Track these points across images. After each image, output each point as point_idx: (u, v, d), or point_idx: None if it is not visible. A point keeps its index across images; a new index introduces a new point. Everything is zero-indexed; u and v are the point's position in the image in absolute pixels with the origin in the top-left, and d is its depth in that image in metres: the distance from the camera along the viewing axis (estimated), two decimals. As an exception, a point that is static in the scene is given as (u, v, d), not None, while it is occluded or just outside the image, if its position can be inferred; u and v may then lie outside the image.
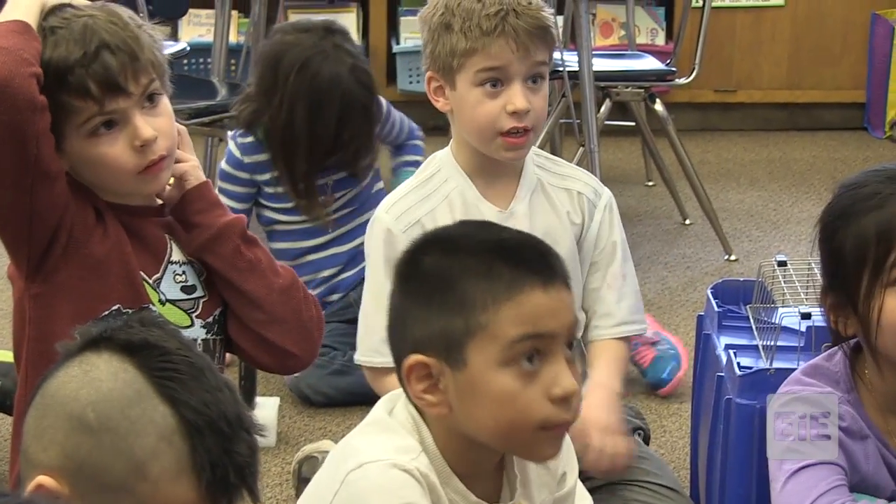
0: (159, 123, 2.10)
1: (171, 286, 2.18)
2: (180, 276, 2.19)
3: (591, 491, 2.46)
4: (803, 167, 5.48)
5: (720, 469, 2.39)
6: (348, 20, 5.87)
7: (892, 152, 5.64)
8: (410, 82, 5.74)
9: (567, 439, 1.90)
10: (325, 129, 3.37)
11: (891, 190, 1.97)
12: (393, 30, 5.92)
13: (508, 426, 1.70)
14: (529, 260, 1.73)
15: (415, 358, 1.72)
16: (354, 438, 1.80)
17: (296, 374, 3.27)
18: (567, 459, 1.92)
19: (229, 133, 3.55)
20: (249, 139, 3.43)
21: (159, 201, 2.21)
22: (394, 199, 2.57)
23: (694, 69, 4.60)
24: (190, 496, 1.41)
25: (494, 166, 2.54)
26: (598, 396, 2.42)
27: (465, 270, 1.70)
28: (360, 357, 2.53)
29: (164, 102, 2.13)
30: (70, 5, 2.10)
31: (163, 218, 2.20)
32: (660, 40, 5.91)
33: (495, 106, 2.47)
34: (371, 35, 5.92)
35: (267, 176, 3.44)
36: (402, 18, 5.83)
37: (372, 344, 2.48)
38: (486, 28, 2.45)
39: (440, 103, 2.54)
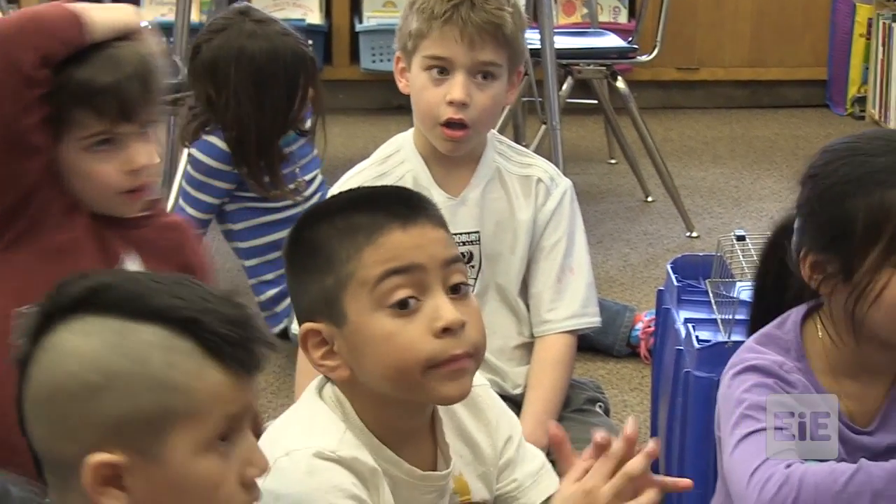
0: (150, 150, 2.16)
1: None
2: None
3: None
4: (765, 144, 5.51)
5: (679, 441, 2.41)
6: (311, -1, 5.87)
7: (853, 129, 5.67)
8: (374, 61, 5.73)
9: (502, 404, 1.91)
10: (275, 104, 3.36)
11: None
12: (356, 9, 5.92)
13: (395, 370, 1.69)
14: (387, 204, 1.75)
15: (306, 326, 1.74)
16: (284, 422, 1.81)
17: None
18: (509, 422, 1.92)
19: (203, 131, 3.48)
20: None
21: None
22: (349, 175, 2.61)
23: (656, 47, 4.62)
24: (222, 378, 1.43)
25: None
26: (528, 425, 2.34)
27: (329, 230, 1.74)
28: (293, 328, 2.56)
29: (155, 132, 2.19)
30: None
31: (131, 230, 2.22)
32: (622, 18, 5.93)
33: (437, 94, 2.48)
34: (334, 14, 5.92)
35: None
36: (365, -3, 5.83)
37: None
38: (437, 12, 2.46)
39: (402, 84, 2.57)
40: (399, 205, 1.75)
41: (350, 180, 2.58)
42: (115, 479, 1.41)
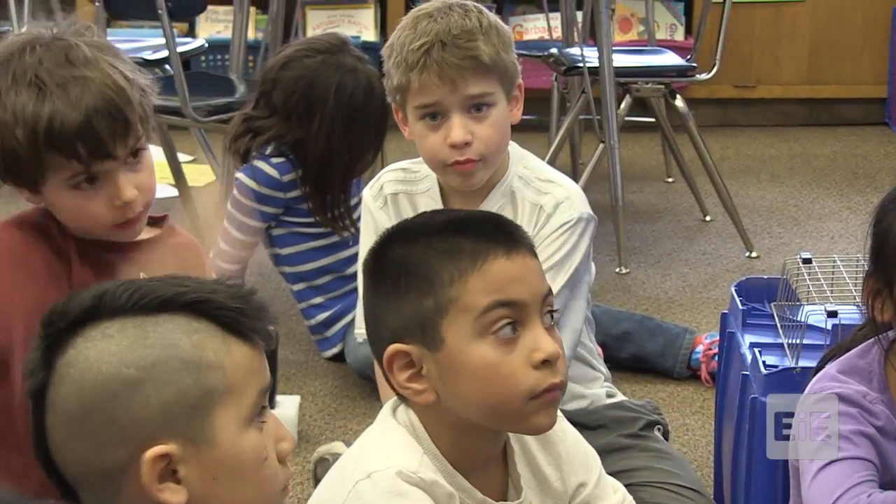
0: (140, 179, 2.07)
1: None
2: None
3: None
4: (824, 163, 5.45)
5: (745, 469, 2.37)
6: (366, 16, 5.86)
7: (913, 148, 5.62)
8: (428, 78, 5.72)
9: (575, 438, 1.88)
10: (364, 143, 3.37)
11: None
12: (411, 26, 5.90)
13: (496, 399, 1.69)
14: (489, 231, 1.73)
15: (394, 347, 1.72)
16: (362, 444, 1.79)
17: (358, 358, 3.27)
18: (585, 463, 1.89)
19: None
20: (282, 158, 3.38)
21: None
22: (378, 175, 2.64)
23: (714, 65, 4.58)
24: (247, 351, 1.46)
25: None
26: None
27: (428, 251, 1.71)
28: (357, 330, 2.56)
29: (147, 156, 2.10)
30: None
31: (136, 253, 2.16)
32: (679, 36, 5.89)
33: (438, 139, 2.43)
34: (388, 31, 5.89)
35: (300, 191, 3.40)
36: (420, 14, 5.82)
37: None
38: (410, 62, 2.39)
39: (406, 132, 2.51)
40: (499, 232, 1.74)
41: (376, 182, 2.62)
42: (171, 472, 1.41)
